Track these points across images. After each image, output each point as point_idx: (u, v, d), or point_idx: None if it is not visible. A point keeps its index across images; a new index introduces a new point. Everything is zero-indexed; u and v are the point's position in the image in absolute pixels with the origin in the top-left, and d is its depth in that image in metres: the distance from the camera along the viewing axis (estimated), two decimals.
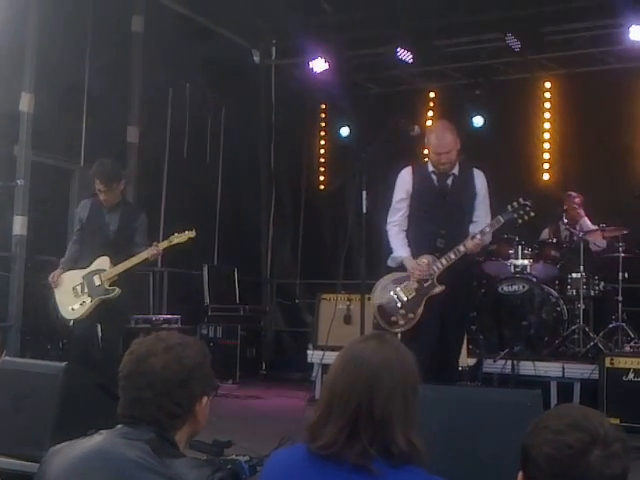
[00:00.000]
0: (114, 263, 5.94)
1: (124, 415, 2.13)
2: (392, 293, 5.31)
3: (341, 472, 1.92)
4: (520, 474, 1.73)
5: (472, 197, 5.32)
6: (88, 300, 5.96)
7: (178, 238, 5.92)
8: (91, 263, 6.01)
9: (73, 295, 6.02)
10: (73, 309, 6.01)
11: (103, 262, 5.98)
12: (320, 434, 1.97)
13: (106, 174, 6.00)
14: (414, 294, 5.23)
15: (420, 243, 5.29)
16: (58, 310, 6.14)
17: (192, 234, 5.96)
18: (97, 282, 5.96)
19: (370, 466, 1.90)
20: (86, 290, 5.98)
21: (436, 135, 5.30)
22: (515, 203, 5.24)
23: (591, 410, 1.72)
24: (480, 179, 5.37)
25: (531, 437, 1.69)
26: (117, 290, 5.93)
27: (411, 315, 5.21)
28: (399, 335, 5.21)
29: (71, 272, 6.09)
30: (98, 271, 5.97)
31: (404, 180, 5.40)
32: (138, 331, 7.39)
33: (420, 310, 5.19)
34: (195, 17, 9.28)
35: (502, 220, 5.22)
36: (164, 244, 5.92)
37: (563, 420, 1.66)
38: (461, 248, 5.12)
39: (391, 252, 5.38)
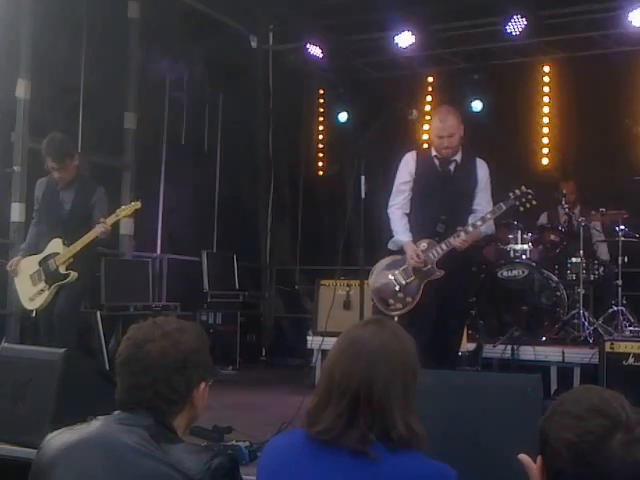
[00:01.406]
0: (67, 245, 5.69)
1: (122, 401, 2.12)
2: (390, 276, 5.32)
3: (340, 457, 1.92)
4: (539, 458, 1.70)
5: (473, 185, 5.31)
6: (46, 287, 5.72)
7: (124, 211, 5.65)
8: (46, 246, 5.79)
9: (31, 283, 5.79)
10: (32, 299, 5.79)
11: (56, 245, 5.74)
12: (319, 419, 1.96)
13: (58, 151, 5.76)
14: (413, 278, 5.24)
15: (421, 227, 5.29)
16: (20, 301, 5.93)
17: (138, 205, 5.69)
18: (52, 267, 5.71)
19: (369, 451, 1.90)
20: (43, 277, 5.74)
21: (439, 118, 5.29)
22: (517, 191, 5.25)
23: (610, 392, 1.67)
24: (483, 169, 5.37)
25: (549, 422, 1.65)
26: (73, 274, 5.67)
27: (409, 299, 5.22)
28: (396, 319, 5.21)
29: (28, 258, 5.88)
30: (52, 255, 5.72)
31: (408, 163, 5.39)
32: (137, 317, 7.38)
33: (419, 294, 5.20)
34: (192, 3, 9.21)
35: (504, 207, 5.22)
36: (112, 219, 5.60)
37: (583, 404, 1.62)
38: (451, 240, 5.13)
39: (392, 235, 5.37)
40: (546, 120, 9.94)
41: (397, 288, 5.28)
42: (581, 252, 7.47)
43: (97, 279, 7.29)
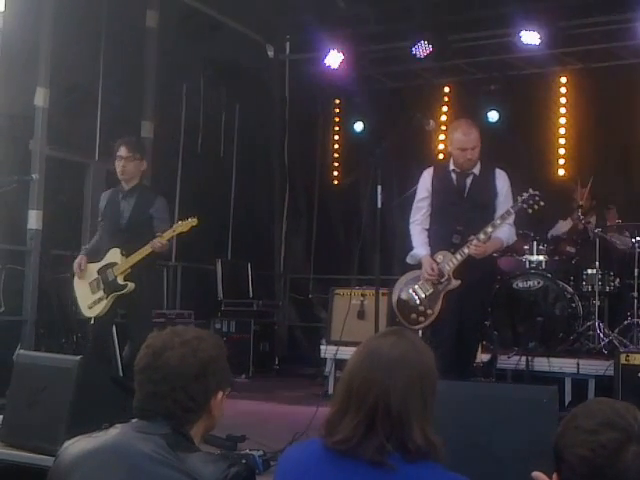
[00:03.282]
0: (125, 254, 5.76)
1: (140, 409, 2.12)
2: (411, 291, 5.41)
3: (358, 467, 1.91)
4: (554, 476, 1.69)
5: (493, 197, 5.36)
6: (104, 297, 5.82)
7: (181, 227, 5.66)
8: (105, 255, 5.90)
9: (90, 291, 5.90)
10: (90, 307, 5.89)
11: (114, 254, 5.83)
12: (337, 429, 1.96)
13: (132, 142, 6.09)
14: (432, 290, 5.31)
15: (439, 240, 5.37)
16: (79, 307, 6.04)
17: (194, 222, 5.68)
18: (111, 277, 5.80)
19: (386, 461, 1.89)
20: (102, 286, 5.84)
21: (462, 131, 5.32)
22: (524, 194, 5.31)
23: (622, 404, 1.67)
24: (502, 179, 5.41)
25: (563, 438, 1.65)
26: (130, 285, 5.75)
27: (430, 311, 5.31)
28: (420, 332, 5.28)
29: (88, 266, 5.97)
30: (111, 264, 5.82)
31: (425, 180, 5.50)
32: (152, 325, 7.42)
33: (438, 306, 5.28)
34: (209, 12, 9.26)
35: (512, 211, 5.28)
36: (168, 234, 5.63)
37: (595, 418, 1.62)
38: (465, 250, 5.18)
39: (411, 249, 5.43)
40: (562, 131, 9.90)
41: (418, 302, 5.37)
42: (597, 263, 7.43)
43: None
